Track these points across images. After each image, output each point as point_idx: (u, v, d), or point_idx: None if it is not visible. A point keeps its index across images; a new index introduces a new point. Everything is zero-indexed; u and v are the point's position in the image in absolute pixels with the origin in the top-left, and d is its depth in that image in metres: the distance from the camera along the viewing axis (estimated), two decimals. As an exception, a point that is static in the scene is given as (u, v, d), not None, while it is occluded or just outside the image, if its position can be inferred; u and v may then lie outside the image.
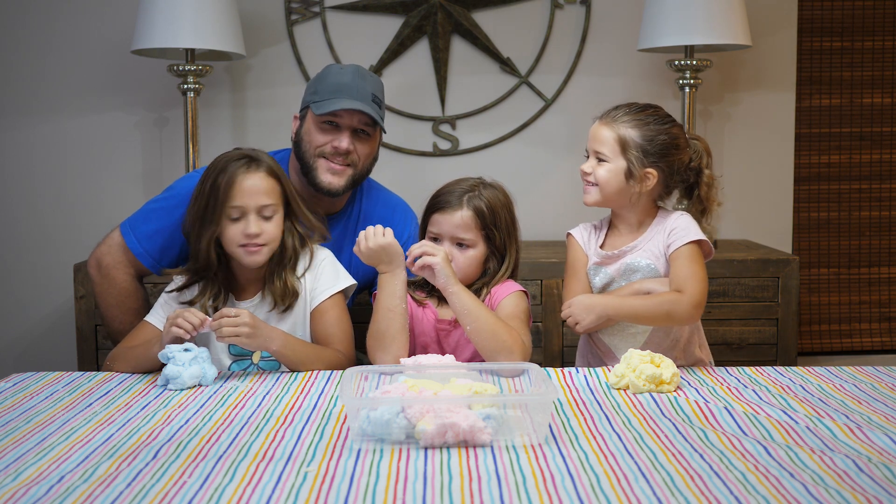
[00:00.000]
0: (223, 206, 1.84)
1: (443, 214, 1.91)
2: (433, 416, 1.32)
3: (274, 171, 1.89)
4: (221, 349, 1.92)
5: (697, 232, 1.88)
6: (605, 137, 1.89)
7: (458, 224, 1.90)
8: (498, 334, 1.78)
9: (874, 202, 3.23)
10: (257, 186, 1.85)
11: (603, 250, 1.95)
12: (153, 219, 2.08)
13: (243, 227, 1.84)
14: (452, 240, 1.91)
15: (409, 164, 3.07)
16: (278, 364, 1.93)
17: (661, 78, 3.07)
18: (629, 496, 1.13)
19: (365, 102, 2.07)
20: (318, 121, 2.09)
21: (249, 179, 1.85)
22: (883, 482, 1.16)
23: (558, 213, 3.11)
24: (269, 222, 1.87)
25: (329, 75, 2.12)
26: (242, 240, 1.85)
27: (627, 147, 1.87)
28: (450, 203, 1.91)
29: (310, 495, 1.15)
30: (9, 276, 3.09)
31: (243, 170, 1.85)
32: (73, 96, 3.04)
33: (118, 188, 3.07)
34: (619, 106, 1.93)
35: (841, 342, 3.25)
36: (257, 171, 1.86)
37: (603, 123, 1.92)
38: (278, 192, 1.89)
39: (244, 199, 1.84)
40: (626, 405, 1.56)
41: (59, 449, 1.35)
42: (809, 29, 3.16)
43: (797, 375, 1.76)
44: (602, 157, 1.89)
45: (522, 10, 3.06)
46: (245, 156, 1.89)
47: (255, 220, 1.84)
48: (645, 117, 1.89)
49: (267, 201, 1.86)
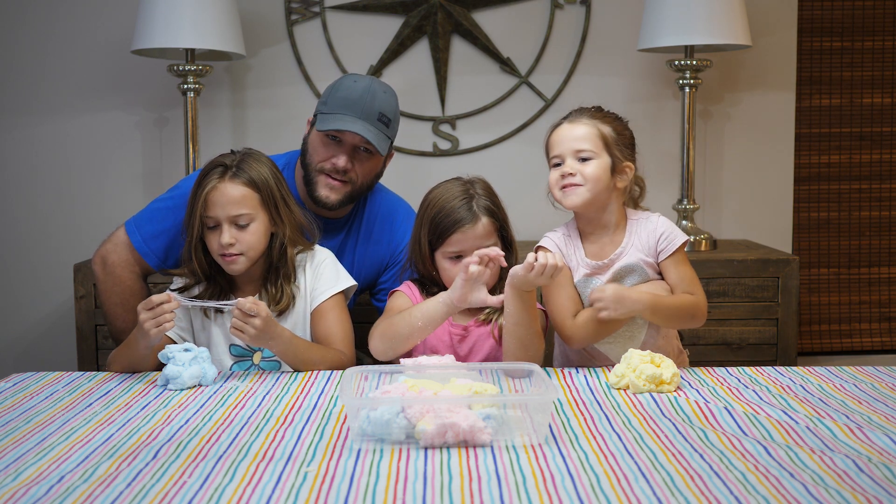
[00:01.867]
0: (199, 216, 1.85)
1: (463, 233, 1.86)
2: (433, 416, 1.32)
3: (253, 179, 1.87)
4: (223, 350, 1.93)
5: (682, 234, 1.91)
6: (586, 134, 1.88)
7: (481, 235, 1.87)
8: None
9: (874, 202, 3.23)
10: (228, 196, 1.84)
11: (590, 260, 1.92)
12: (158, 218, 2.08)
13: (219, 235, 1.85)
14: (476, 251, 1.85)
15: (409, 164, 3.07)
16: (279, 365, 1.93)
17: (661, 78, 3.07)
18: (629, 496, 1.13)
19: (368, 122, 2.05)
20: (320, 134, 2.08)
21: (220, 190, 1.85)
22: (883, 482, 1.16)
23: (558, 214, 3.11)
24: (244, 231, 1.86)
25: (341, 88, 2.10)
26: (219, 249, 1.86)
27: (608, 141, 1.88)
28: (465, 218, 1.86)
29: (310, 495, 1.15)
30: (9, 276, 3.09)
31: (216, 181, 1.85)
32: (73, 96, 3.04)
33: (118, 188, 3.07)
34: (577, 110, 1.94)
35: (841, 342, 3.25)
36: (231, 181, 1.85)
37: (575, 123, 1.90)
38: (256, 200, 1.87)
39: (215, 210, 1.85)
40: (626, 405, 1.56)
41: (59, 449, 1.35)
42: (809, 29, 3.16)
43: (797, 375, 1.76)
44: (585, 155, 1.87)
45: (522, 10, 3.06)
46: (221, 164, 1.88)
47: (227, 230, 1.84)
48: (606, 114, 1.93)
49: (239, 211, 1.85)
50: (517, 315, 1.74)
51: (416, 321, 1.80)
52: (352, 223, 2.23)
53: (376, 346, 1.84)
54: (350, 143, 2.07)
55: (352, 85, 2.09)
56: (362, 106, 2.05)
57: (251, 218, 1.87)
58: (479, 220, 1.86)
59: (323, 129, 2.05)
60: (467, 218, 1.86)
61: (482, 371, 1.65)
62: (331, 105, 2.08)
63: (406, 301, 1.92)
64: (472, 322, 1.91)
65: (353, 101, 2.05)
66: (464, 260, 1.79)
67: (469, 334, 1.90)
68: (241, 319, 1.75)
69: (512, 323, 1.75)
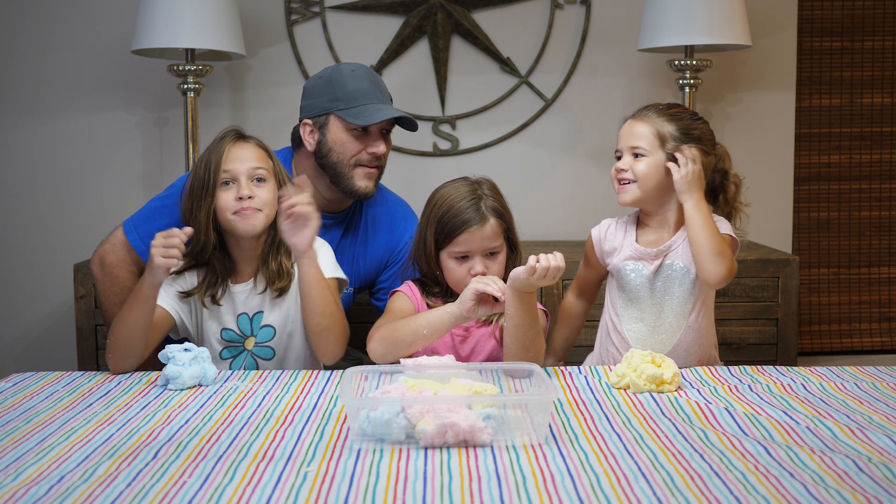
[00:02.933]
0: (215, 175, 1.86)
1: (471, 233, 1.84)
2: (433, 416, 1.32)
3: (266, 146, 1.94)
4: (213, 334, 1.92)
5: (729, 228, 1.94)
6: (643, 132, 1.92)
7: (489, 236, 1.86)
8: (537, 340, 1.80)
9: (874, 202, 3.23)
10: (247, 153, 1.89)
11: (639, 245, 1.96)
12: (156, 217, 2.08)
13: (235, 191, 1.85)
14: (483, 252, 1.86)
15: (409, 164, 3.07)
16: (272, 353, 1.93)
17: (661, 78, 3.07)
18: (629, 496, 1.13)
19: (391, 104, 2.14)
20: (348, 128, 2.09)
21: (241, 146, 1.90)
22: (883, 482, 1.16)
23: (558, 213, 3.12)
24: (261, 188, 1.88)
25: (346, 80, 2.11)
26: (235, 205, 1.85)
27: (665, 140, 1.91)
28: (473, 219, 1.85)
29: (310, 495, 1.15)
30: (9, 276, 3.09)
31: (232, 141, 1.90)
32: (73, 96, 3.04)
33: (118, 188, 3.07)
34: (648, 105, 1.98)
35: (841, 342, 3.25)
36: (247, 142, 1.92)
37: (637, 120, 1.95)
38: (269, 164, 1.91)
39: (234, 164, 1.87)
40: (626, 405, 1.56)
41: (59, 449, 1.34)
42: (809, 29, 3.16)
43: (798, 375, 1.76)
44: (640, 153, 1.91)
45: (522, 10, 3.06)
46: (235, 130, 1.93)
47: (246, 183, 1.86)
48: (677, 113, 1.95)
49: (258, 164, 1.88)
50: (519, 317, 1.74)
51: (421, 329, 1.79)
52: (350, 222, 2.23)
53: (376, 348, 1.83)
54: (378, 128, 2.11)
55: (354, 75, 2.12)
56: (379, 90, 2.13)
57: (268, 175, 1.90)
58: (487, 221, 1.86)
59: (365, 123, 2.07)
60: (475, 219, 1.85)
61: (482, 371, 1.65)
62: (347, 100, 2.09)
63: (407, 302, 1.92)
64: (474, 323, 1.91)
65: (368, 89, 2.11)
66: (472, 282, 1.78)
67: (471, 335, 1.90)
68: (300, 202, 1.79)
69: (513, 325, 1.75)
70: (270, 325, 1.92)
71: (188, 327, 1.94)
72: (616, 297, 2.00)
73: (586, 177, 3.11)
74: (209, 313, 1.92)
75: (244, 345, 1.93)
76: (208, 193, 1.86)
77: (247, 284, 1.91)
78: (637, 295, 1.95)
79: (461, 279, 1.85)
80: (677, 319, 1.93)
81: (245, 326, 1.92)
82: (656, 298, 1.94)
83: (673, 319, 1.93)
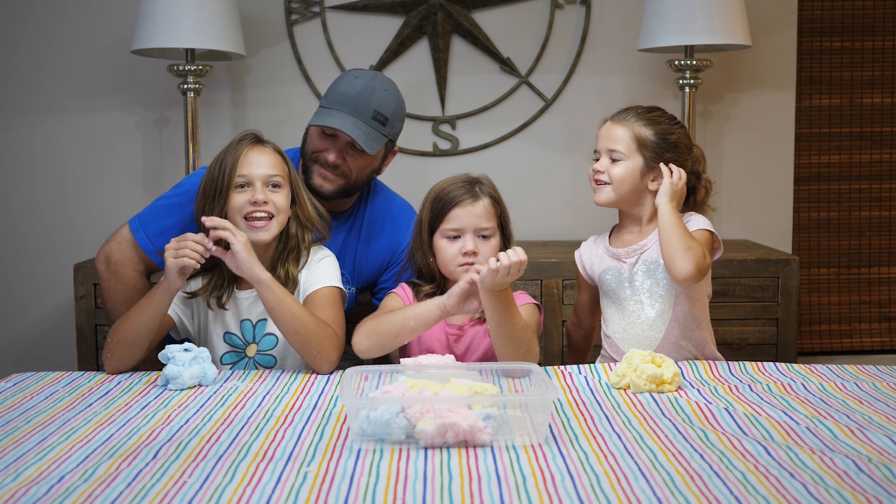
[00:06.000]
0: (230, 178, 1.86)
1: (464, 207, 1.87)
2: (433, 416, 1.32)
3: (281, 152, 1.94)
4: (217, 336, 1.92)
5: (707, 223, 1.94)
6: (620, 135, 1.94)
7: (481, 213, 1.87)
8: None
9: (874, 202, 3.23)
10: (264, 159, 1.89)
11: (612, 247, 2.00)
12: (163, 215, 2.08)
13: (250, 194, 1.85)
14: (476, 231, 1.87)
15: (409, 164, 3.07)
16: (274, 361, 1.93)
17: (661, 78, 3.07)
18: (629, 496, 1.13)
19: (360, 121, 2.06)
20: (317, 127, 2.09)
21: (256, 152, 1.89)
22: (883, 482, 1.16)
23: (558, 213, 3.11)
24: (276, 194, 1.88)
25: (341, 83, 2.11)
26: (248, 208, 1.85)
27: (643, 144, 1.92)
28: (467, 195, 1.87)
29: (310, 495, 1.15)
30: (9, 276, 3.09)
31: (250, 145, 1.90)
32: (73, 96, 3.04)
33: (118, 188, 3.07)
34: (627, 108, 1.99)
35: (841, 342, 3.25)
36: (265, 147, 1.92)
37: (616, 122, 1.97)
38: (285, 171, 1.92)
39: (251, 169, 1.87)
40: (626, 405, 1.56)
41: (59, 449, 1.35)
42: (809, 29, 3.15)
43: (798, 375, 1.76)
44: (616, 156, 1.93)
45: (522, 10, 3.06)
46: (253, 134, 1.94)
47: (261, 189, 1.86)
48: (655, 117, 1.96)
49: (274, 171, 1.88)
50: (499, 316, 1.75)
51: (408, 321, 1.80)
52: (353, 222, 2.24)
53: (361, 341, 1.83)
54: (343, 139, 2.08)
55: (352, 81, 2.10)
56: (357, 103, 2.06)
57: (283, 182, 1.90)
58: (479, 199, 1.88)
59: (314, 123, 2.08)
60: (468, 194, 1.87)
61: (482, 371, 1.65)
62: (329, 100, 2.10)
63: (399, 303, 1.93)
64: (467, 321, 1.92)
65: (350, 97, 2.07)
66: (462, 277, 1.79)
67: (464, 333, 1.91)
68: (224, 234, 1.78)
69: (495, 324, 1.76)
70: (273, 334, 1.92)
71: (189, 329, 1.94)
72: (603, 303, 2.05)
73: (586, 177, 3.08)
74: (213, 316, 1.92)
75: (245, 352, 1.93)
76: (222, 195, 1.86)
77: (252, 291, 1.90)
78: (618, 296, 1.98)
79: (452, 258, 1.86)
80: (660, 314, 1.95)
81: (248, 332, 1.92)
82: (637, 296, 1.96)
83: (655, 314, 1.95)
